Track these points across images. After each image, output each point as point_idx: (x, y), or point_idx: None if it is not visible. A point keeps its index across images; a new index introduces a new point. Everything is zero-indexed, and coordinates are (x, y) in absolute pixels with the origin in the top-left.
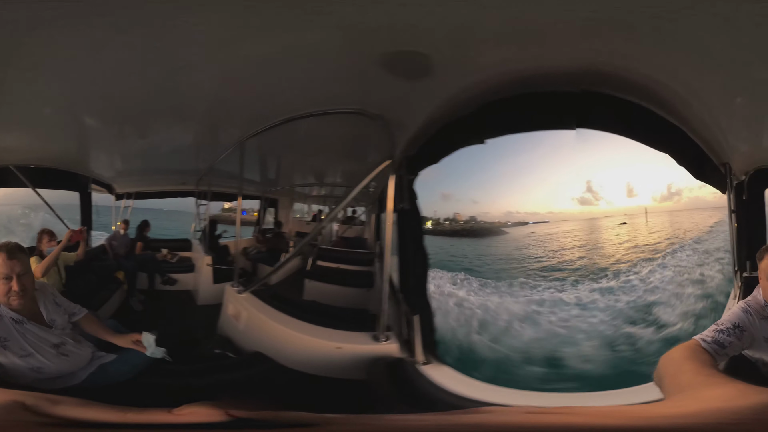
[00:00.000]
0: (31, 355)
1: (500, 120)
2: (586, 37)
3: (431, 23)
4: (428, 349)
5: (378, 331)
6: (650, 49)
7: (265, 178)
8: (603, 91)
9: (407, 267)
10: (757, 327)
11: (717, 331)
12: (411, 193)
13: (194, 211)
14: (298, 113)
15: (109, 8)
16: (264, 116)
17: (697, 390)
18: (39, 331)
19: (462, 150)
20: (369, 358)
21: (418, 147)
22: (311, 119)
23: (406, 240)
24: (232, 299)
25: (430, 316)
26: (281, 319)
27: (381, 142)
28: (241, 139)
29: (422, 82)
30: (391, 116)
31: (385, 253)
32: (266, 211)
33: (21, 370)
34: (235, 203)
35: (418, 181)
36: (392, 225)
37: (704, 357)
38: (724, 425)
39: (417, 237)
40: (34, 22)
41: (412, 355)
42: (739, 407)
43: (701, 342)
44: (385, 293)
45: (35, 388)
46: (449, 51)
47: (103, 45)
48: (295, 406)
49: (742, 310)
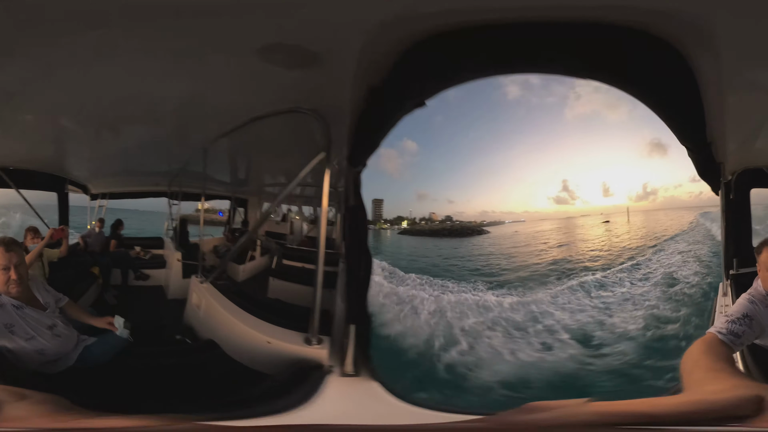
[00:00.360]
0: (34, 338)
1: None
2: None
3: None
4: (362, 360)
5: (310, 333)
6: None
7: (234, 179)
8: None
9: (350, 270)
10: (764, 315)
11: (729, 322)
12: (356, 188)
13: (167, 210)
14: (241, 121)
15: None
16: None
17: (706, 384)
18: (36, 314)
19: (437, 149)
20: (292, 357)
21: (352, 135)
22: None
23: (351, 240)
24: (196, 289)
25: (367, 326)
26: (234, 310)
27: (324, 137)
28: (204, 144)
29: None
30: (327, 108)
31: (319, 253)
32: (236, 211)
33: (29, 354)
34: (211, 203)
35: (395, 180)
36: (326, 223)
37: (721, 349)
38: (714, 411)
39: (361, 237)
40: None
41: (342, 365)
42: (734, 396)
43: (717, 335)
44: (318, 296)
45: (43, 374)
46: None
47: (81, 57)
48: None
49: (748, 300)
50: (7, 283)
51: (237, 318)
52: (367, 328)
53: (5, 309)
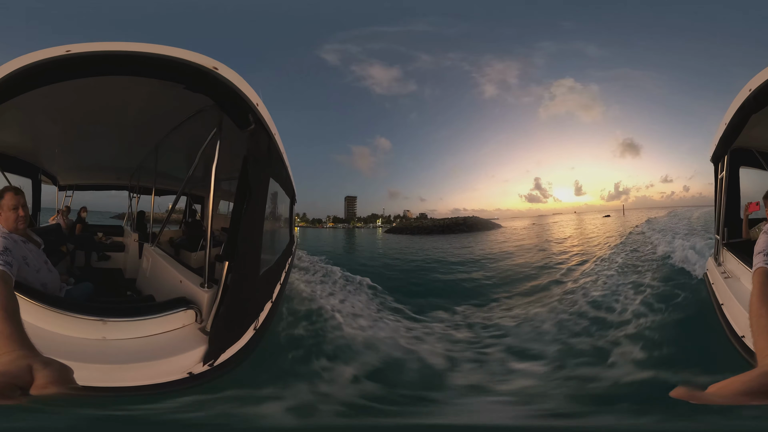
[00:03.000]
0: (39, 271)
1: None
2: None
3: None
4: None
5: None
6: None
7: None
8: None
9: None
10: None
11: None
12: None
13: (127, 202)
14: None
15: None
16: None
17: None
18: (36, 249)
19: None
20: (190, 294)
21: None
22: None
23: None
24: (146, 252)
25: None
26: (170, 262)
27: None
28: (156, 145)
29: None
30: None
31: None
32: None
33: (36, 287)
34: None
35: (366, 179)
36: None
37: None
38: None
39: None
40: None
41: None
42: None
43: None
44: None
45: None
46: None
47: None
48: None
49: (767, 234)
50: (17, 221)
51: (171, 266)
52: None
53: (18, 244)
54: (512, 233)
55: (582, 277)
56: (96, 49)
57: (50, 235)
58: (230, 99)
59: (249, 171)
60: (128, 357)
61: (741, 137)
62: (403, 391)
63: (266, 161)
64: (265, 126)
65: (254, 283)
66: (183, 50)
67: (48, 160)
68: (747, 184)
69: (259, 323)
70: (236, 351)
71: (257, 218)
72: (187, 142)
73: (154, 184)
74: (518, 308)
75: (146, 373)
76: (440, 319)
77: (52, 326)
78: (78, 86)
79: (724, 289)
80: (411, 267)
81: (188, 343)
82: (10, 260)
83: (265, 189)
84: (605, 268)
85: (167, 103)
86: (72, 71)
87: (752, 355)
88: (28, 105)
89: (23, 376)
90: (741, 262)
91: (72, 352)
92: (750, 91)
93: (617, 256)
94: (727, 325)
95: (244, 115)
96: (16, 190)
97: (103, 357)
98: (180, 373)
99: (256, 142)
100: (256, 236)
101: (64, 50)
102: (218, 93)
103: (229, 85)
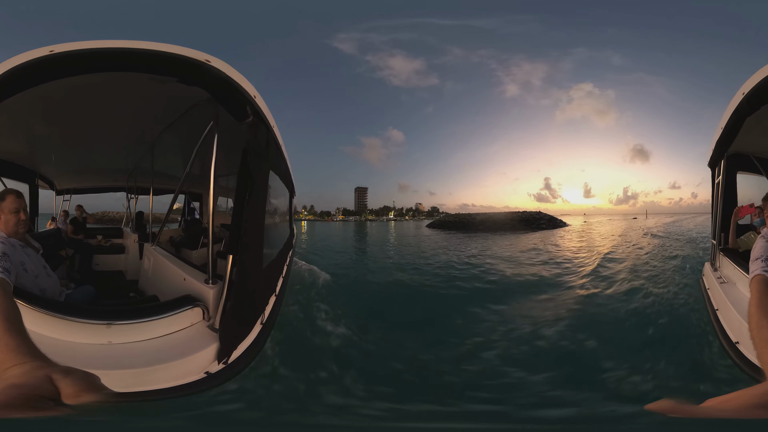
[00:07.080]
0: (38, 276)
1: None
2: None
3: None
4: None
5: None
6: None
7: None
8: None
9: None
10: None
11: (765, 260)
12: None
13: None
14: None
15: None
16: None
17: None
18: (34, 254)
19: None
20: (195, 291)
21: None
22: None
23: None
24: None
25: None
26: (172, 260)
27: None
28: (151, 144)
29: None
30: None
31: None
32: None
33: (34, 293)
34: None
35: (377, 171)
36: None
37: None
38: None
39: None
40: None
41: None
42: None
43: (765, 273)
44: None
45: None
46: None
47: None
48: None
49: (766, 239)
50: (17, 224)
51: (173, 264)
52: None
53: (16, 248)
54: (592, 229)
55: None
56: (80, 47)
57: (49, 240)
58: (227, 90)
59: (249, 163)
60: (139, 360)
61: (738, 142)
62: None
63: (265, 154)
64: (263, 118)
65: (258, 277)
66: (173, 45)
67: (45, 164)
68: (745, 190)
69: (265, 317)
70: (247, 347)
71: (259, 211)
72: (183, 139)
73: (152, 184)
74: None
75: (163, 375)
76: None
77: (53, 332)
78: (70, 88)
79: (719, 294)
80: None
81: (199, 342)
82: (8, 266)
83: (266, 181)
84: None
85: (160, 101)
86: (58, 69)
87: (745, 361)
88: (21, 109)
89: (45, 387)
90: (737, 268)
91: (77, 358)
92: (743, 95)
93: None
94: (721, 330)
95: (241, 106)
96: (17, 193)
97: (111, 362)
98: (198, 373)
99: (255, 135)
100: (258, 229)
101: (47, 50)
102: (213, 85)
103: (224, 77)
